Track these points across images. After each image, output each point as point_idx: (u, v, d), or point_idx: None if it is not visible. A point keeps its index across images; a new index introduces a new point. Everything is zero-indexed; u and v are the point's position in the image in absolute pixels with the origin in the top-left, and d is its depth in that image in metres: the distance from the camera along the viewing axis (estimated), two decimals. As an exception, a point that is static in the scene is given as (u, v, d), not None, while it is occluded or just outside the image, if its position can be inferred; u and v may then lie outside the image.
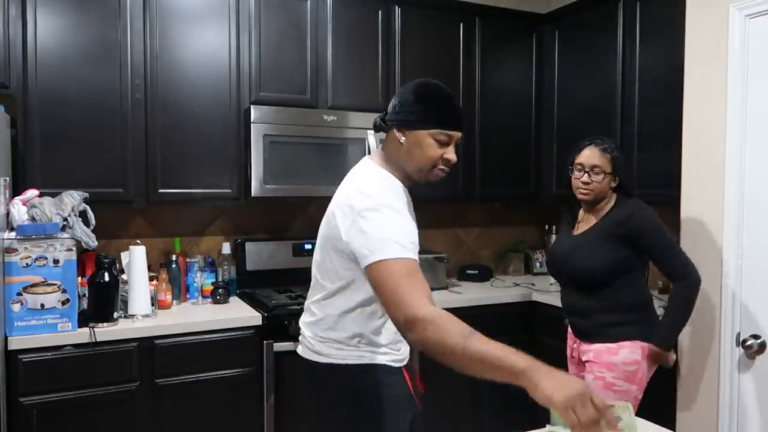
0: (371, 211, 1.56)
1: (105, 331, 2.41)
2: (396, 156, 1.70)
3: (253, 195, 2.88)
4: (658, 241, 2.18)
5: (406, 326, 1.39)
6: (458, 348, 1.27)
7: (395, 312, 1.42)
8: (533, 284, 3.50)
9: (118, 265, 2.67)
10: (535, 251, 3.91)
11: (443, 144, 1.68)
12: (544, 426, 1.40)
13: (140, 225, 3.06)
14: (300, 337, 1.79)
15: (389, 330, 1.71)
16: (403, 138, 1.67)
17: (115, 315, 2.50)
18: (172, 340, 2.53)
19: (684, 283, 2.15)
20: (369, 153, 3.01)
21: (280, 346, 2.66)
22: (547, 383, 1.16)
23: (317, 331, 1.71)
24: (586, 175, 2.25)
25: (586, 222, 2.34)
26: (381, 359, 1.70)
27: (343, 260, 1.62)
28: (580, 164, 2.28)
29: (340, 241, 1.59)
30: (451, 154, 1.70)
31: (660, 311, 2.69)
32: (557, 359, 2.00)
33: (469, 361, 1.27)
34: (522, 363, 1.20)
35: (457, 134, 1.70)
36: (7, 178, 2.33)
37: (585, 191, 2.27)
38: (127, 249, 2.66)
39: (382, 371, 1.69)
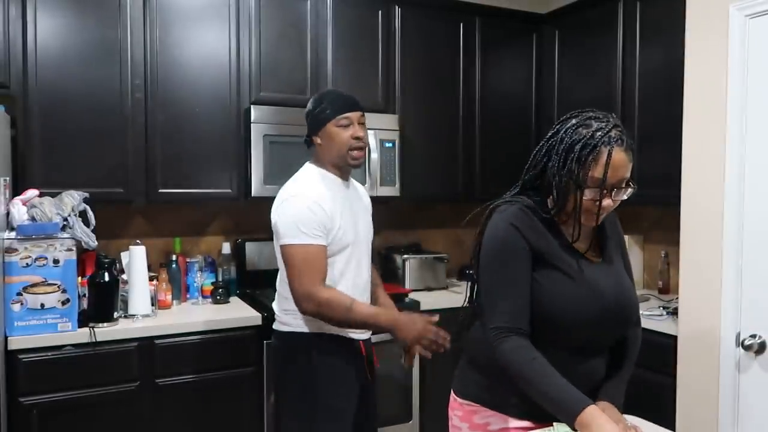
0: (282, 203, 2.00)
1: (105, 331, 2.41)
2: (322, 155, 2.06)
3: (253, 195, 2.88)
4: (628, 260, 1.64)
5: (302, 298, 1.91)
6: (344, 317, 1.90)
7: (297, 288, 1.91)
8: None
9: (118, 265, 2.67)
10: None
11: (346, 126, 2.01)
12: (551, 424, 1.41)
13: (140, 225, 3.06)
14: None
15: None
16: (319, 140, 2.04)
17: (115, 315, 2.50)
18: (172, 340, 2.53)
19: (639, 329, 1.63)
20: (369, 152, 3.03)
21: (280, 346, 2.66)
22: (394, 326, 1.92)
23: (282, 305, 2.08)
24: (609, 197, 1.38)
25: (579, 236, 1.46)
26: (335, 330, 2.01)
27: None
28: (602, 179, 1.35)
29: (275, 227, 2.01)
30: (357, 131, 2.02)
31: (660, 311, 2.70)
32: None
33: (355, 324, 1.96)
34: (384, 318, 1.96)
35: (355, 114, 2.03)
36: (7, 178, 2.33)
37: (599, 217, 1.41)
38: (127, 249, 2.66)
39: (336, 341, 2.02)
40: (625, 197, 1.42)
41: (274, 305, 2.15)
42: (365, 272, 2.15)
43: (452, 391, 1.64)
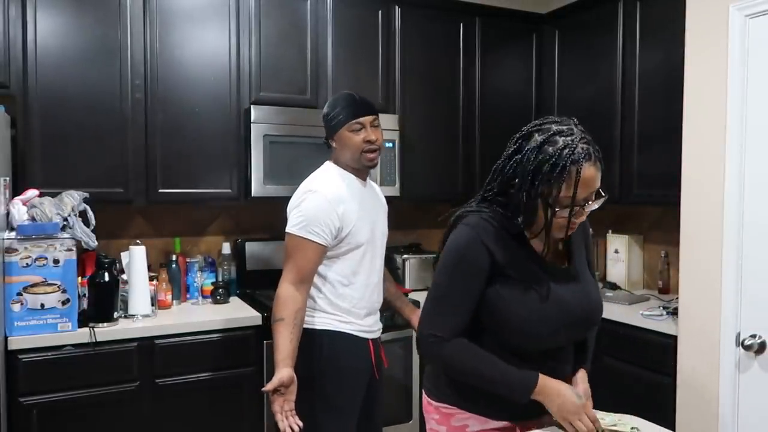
0: (301, 195, 2.03)
1: (105, 331, 2.41)
2: (338, 157, 2.13)
3: (253, 195, 2.88)
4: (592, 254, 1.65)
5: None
6: (273, 320, 1.95)
7: (283, 270, 2.00)
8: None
9: (118, 265, 2.67)
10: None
11: (359, 130, 2.06)
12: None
13: (140, 225, 3.06)
14: None
15: (356, 303, 2.07)
16: (334, 143, 2.11)
17: (115, 315, 2.50)
18: (172, 340, 2.53)
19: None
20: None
21: (280, 346, 2.66)
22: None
23: None
24: (582, 211, 1.37)
25: (540, 242, 1.45)
26: (345, 328, 2.06)
27: None
28: (572, 198, 1.32)
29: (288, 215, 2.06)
30: (369, 135, 2.07)
31: (660, 311, 2.71)
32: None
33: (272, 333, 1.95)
34: (278, 357, 1.89)
35: (367, 118, 2.08)
36: (7, 178, 2.33)
37: (574, 230, 1.42)
38: (127, 249, 2.66)
39: (346, 339, 2.06)
40: (596, 207, 1.39)
41: None
42: (378, 272, 2.18)
43: (424, 392, 1.61)
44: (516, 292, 1.41)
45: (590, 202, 1.37)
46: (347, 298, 2.07)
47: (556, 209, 1.34)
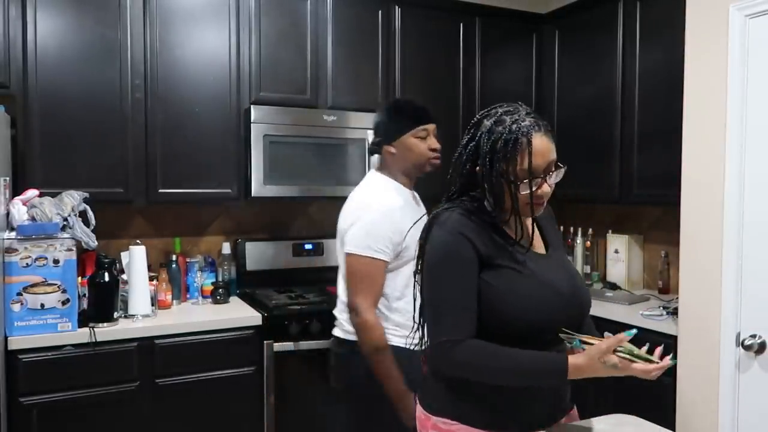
0: (355, 211, 1.99)
1: (105, 331, 2.41)
2: (394, 165, 2.06)
3: (253, 195, 2.88)
4: None
5: (351, 308, 1.94)
6: (370, 351, 1.90)
7: (350, 297, 1.95)
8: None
9: (118, 265, 2.67)
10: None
11: (424, 138, 2.04)
12: None
13: (140, 225, 3.06)
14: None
15: (409, 317, 1.90)
16: (393, 149, 2.03)
17: (115, 315, 2.51)
18: (172, 340, 2.53)
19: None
20: (369, 154, 3.02)
21: (280, 346, 2.66)
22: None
23: (345, 314, 2.05)
24: (545, 183, 1.39)
25: (523, 233, 1.44)
26: (401, 342, 1.94)
27: None
28: (529, 169, 1.35)
29: (343, 233, 2.01)
30: (434, 143, 2.06)
31: (660, 311, 2.71)
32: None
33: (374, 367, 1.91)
34: (395, 389, 1.87)
35: (431, 126, 2.06)
36: (7, 178, 2.33)
37: (542, 206, 1.45)
38: (127, 249, 2.66)
39: (399, 352, 1.93)
40: (558, 179, 1.41)
41: (337, 312, 2.12)
42: None
43: (421, 407, 1.50)
44: (504, 279, 1.38)
45: (551, 173, 1.39)
46: (400, 312, 1.98)
47: (519, 184, 1.36)
